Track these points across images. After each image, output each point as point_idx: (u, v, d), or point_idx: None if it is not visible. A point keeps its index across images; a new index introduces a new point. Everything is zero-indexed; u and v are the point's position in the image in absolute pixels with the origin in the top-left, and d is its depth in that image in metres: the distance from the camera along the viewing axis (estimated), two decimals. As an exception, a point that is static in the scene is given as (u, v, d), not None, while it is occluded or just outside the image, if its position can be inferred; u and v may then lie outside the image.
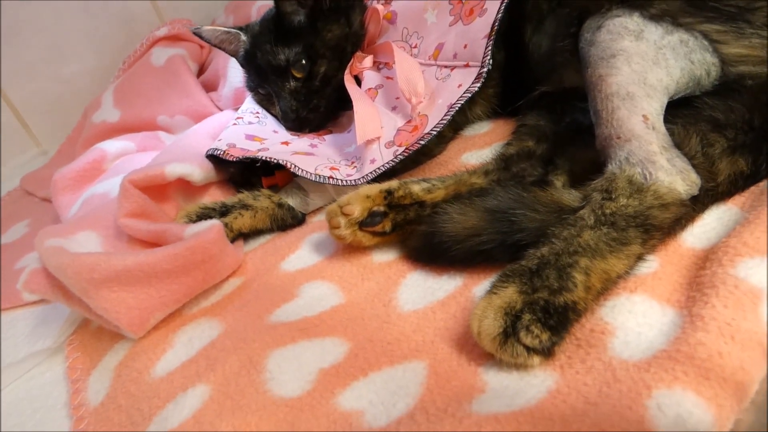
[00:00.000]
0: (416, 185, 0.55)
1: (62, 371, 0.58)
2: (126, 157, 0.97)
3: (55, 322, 0.65)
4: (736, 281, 0.38)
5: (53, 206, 0.90)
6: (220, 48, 0.84)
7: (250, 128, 0.75)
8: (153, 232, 0.61)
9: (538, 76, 0.67)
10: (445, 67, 0.67)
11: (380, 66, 0.75)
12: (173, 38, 1.25)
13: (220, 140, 0.72)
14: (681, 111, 0.53)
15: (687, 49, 0.54)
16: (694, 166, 0.47)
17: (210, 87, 1.16)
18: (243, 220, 0.64)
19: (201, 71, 1.25)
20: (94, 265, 0.51)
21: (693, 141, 0.48)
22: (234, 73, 1.02)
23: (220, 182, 0.75)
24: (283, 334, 0.46)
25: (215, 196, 0.74)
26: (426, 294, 0.48)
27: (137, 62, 1.24)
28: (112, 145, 0.98)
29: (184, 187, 0.71)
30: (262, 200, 0.65)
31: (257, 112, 0.80)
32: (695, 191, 0.46)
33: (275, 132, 0.76)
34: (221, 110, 1.08)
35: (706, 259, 0.42)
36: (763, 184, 0.49)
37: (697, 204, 0.46)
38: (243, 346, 0.45)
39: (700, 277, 0.40)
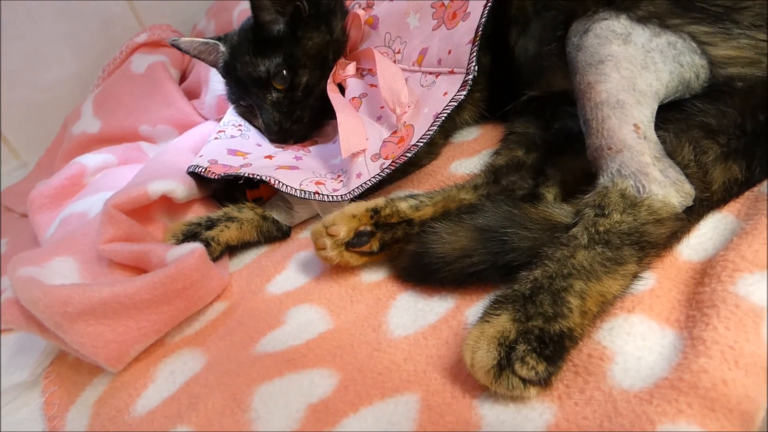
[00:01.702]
0: (403, 203, 0.54)
1: (39, 406, 0.55)
2: (106, 170, 0.94)
3: (32, 351, 0.61)
4: (736, 300, 0.36)
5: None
6: (199, 59, 0.82)
7: (233, 142, 0.73)
8: (135, 254, 0.59)
9: (525, 80, 0.65)
10: (430, 73, 0.65)
11: (363, 73, 0.73)
12: (153, 44, 1.22)
13: (201, 156, 0.70)
14: (671, 115, 0.51)
15: (675, 52, 0.53)
16: (687, 175, 0.46)
17: (192, 94, 1.13)
18: (230, 233, 0.62)
19: (183, 78, 1.22)
20: (68, 298, 0.48)
21: (686, 149, 0.47)
22: (216, 82, 0.99)
23: (204, 198, 0.73)
24: (269, 367, 0.44)
25: (199, 213, 0.71)
26: (417, 317, 0.46)
27: (117, 70, 1.21)
28: (91, 159, 0.95)
29: (168, 205, 0.69)
30: (247, 212, 0.64)
31: (240, 125, 0.77)
32: (690, 202, 0.45)
33: (258, 145, 0.74)
34: (205, 118, 1.06)
35: (705, 274, 0.41)
36: (757, 189, 0.48)
37: (692, 215, 0.45)
38: (227, 382, 0.43)
39: (699, 295, 0.39)
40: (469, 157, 0.66)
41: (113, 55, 1.24)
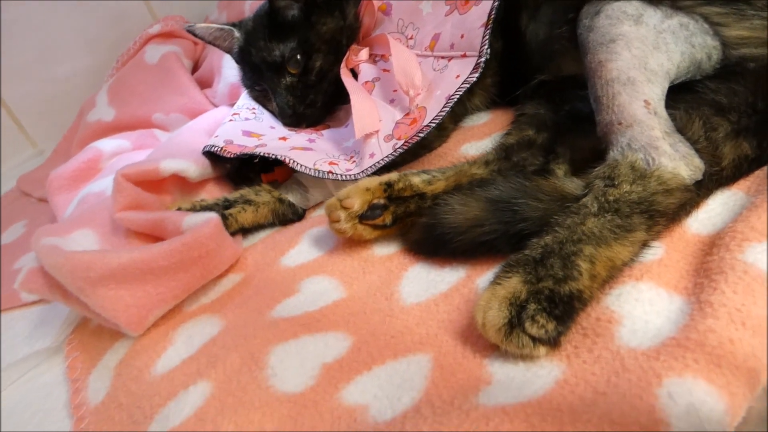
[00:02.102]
0: (416, 177, 0.55)
1: (62, 371, 0.57)
2: (121, 155, 0.96)
3: (54, 322, 0.64)
4: (744, 266, 0.37)
5: (50, 206, 0.89)
6: (214, 45, 0.83)
7: (247, 124, 0.74)
8: (151, 221, 0.61)
9: (536, 65, 0.66)
10: (442, 58, 0.66)
11: (376, 58, 0.74)
12: (166, 35, 1.24)
13: (216, 136, 0.71)
14: (683, 95, 0.52)
15: (687, 33, 0.53)
16: (697, 150, 0.46)
17: (205, 84, 1.15)
18: (246, 215, 0.63)
19: (195, 68, 1.24)
20: (90, 263, 0.50)
21: (696, 125, 0.47)
22: (229, 69, 1.01)
23: (217, 178, 0.75)
24: (284, 330, 0.45)
25: (212, 193, 0.73)
26: (429, 287, 0.47)
27: (131, 60, 1.23)
28: (107, 144, 0.97)
29: (181, 183, 0.70)
30: (264, 195, 0.65)
31: (253, 108, 0.79)
32: (699, 176, 0.45)
33: (272, 128, 0.75)
34: (216, 106, 1.08)
35: (713, 245, 0.41)
36: (767, 167, 0.48)
37: (702, 189, 0.46)
38: (244, 343, 0.45)
39: (708, 263, 0.40)
40: (480, 140, 0.67)
41: (126, 46, 1.27)
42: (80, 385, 0.52)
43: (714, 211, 0.46)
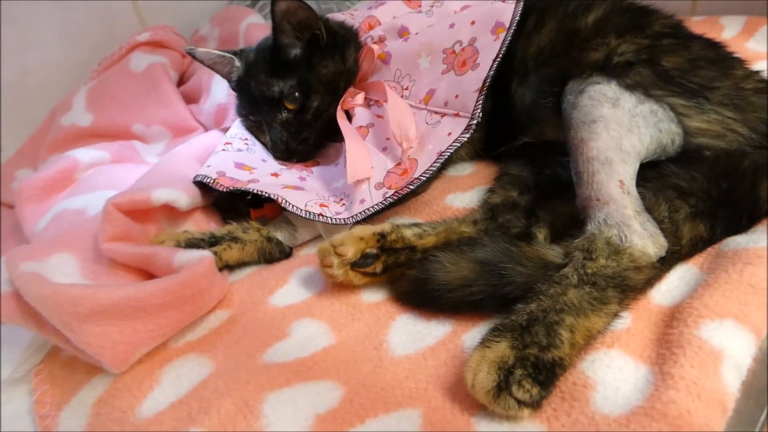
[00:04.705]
0: (408, 230, 0.58)
1: (26, 405, 0.54)
2: (99, 167, 0.94)
3: (15, 347, 0.60)
4: (700, 342, 0.42)
5: (13, 212, 0.85)
6: (211, 69, 0.84)
7: (240, 156, 0.75)
8: (139, 255, 0.60)
9: (521, 126, 0.72)
10: (436, 113, 0.70)
11: (371, 103, 0.77)
12: (155, 44, 1.21)
13: (208, 166, 0.72)
14: (649, 174, 0.58)
15: (656, 119, 0.60)
16: (662, 230, 0.52)
17: (190, 99, 1.13)
18: (231, 253, 0.64)
19: (181, 81, 1.23)
20: (79, 299, 0.49)
21: (662, 207, 0.53)
22: (218, 89, 1.01)
23: (205, 207, 0.75)
24: (277, 376, 0.46)
25: (199, 221, 0.73)
26: (416, 339, 0.50)
27: (115, 66, 1.20)
28: (85, 154, 0.94)
29: (169, 211, 0.70)
30: (252, 233, 0.66)
31: (246, 139, 0.80)
32: (663, 253, 0.51)
33: (264, 161, 0.77)
34: (201, 124, 1.07)
35: (673, 318, 0.47)
36: (718, 246, 0.55)
37: (664, 264, 0.51)
38: (237, 388, 0.45)
39: (669, 336, 0.45)
40: (464, 192, 0.71)
41: (109, 48, 1.23)
42: (50, 423, 0.50)
43: (673, 284, 0.51)
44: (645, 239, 0.50)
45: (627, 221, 0.51)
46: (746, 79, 0.64)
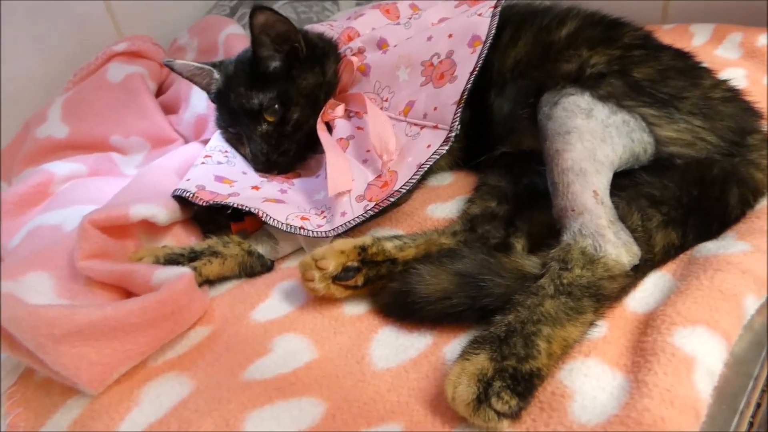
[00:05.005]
0: (389, 243, 0.58)
1: (-1, 429, 0.53)
2: (76, 180, 0.92)
3: None
4: (673, 349, 0.43)
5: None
6: (191, 81, 0.84)
7: (219, 168, 0.75)
8: (117, 273, 0.60)
9: (499, 137, 0.73)
10: (415, 125, 0.71)
11: (351, 114, 0.78)
12: (132, 55, 1.20)
13: (188, 180, 0.71)
14: (623, 182, 0.60)
15: (628, 129, 0.61)
16: (635, 238, 0.53)
17: (169, 109, 1.12)
18: (211, 268, 0.63)
19: (160, 91, 1.22)
20: (55, 320, 0.49)
21: (635, 216, 0.55)
22: (197, 100, 1.00)
23: (185, 221, 0.74)
24: (259, 394, 0.46)
25: (178, 236, 0.72)
26: (398, 352, 0.51)
27: (91, 76, 1.18)
28: (61, 168, 0.93)
29: (147, 226, 0.69)
30: (232, 247, 0.65)
31: (226, 151, 0.80)
32: (636, 261, 0.52)
33: (244, 173, 0.76)
34: (180, 134, 1.06)
35: (647, 325, 0.48)
36: (690, 252, 0.56)
37: (638, 272, 0.53)
38: (218, 407, 0.45)
39: (643, 343, 0.46)
40: (444, 202, 0.72)
41: (85, 59, 1.21)
42: (26, 446, 0.50)
43: (648, 291, 0.53)
44: (619, 248, 0.51)
45: (601, 231, 0.52)
46: (714, 88, 0.66)
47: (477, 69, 0.67)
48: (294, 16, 1.29)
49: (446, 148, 0.65)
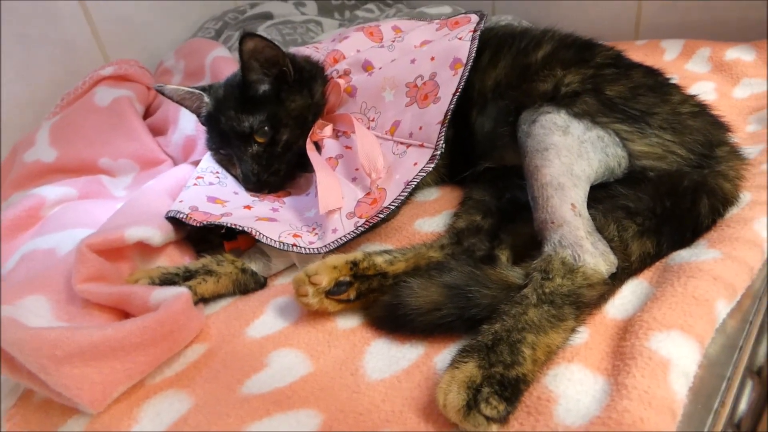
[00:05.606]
0: (379, 257, 0.60)
1: (-2, 451, 0.54)
2: (66, 204, 0.93)
3: None
4: (650, 353, 0.46)
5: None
6: (180, 104, 0.86)
7: (211, 189, 0.77)
8: (116, 295, 0.61)
9: (482, 153, 0.76)
10: (402, 143, 0.73)
11: (339, 134, 0.80)
12: (119, 78, 1.22)
13: (181, 201, 0.73)
14: (600, 194, 0.63)
15: (603, 144, 0.65)
16: (612, 248, 0.56)
17: (157, 131, 1.14)
18: (206, 286, 0.65)
19: (147, 113, 1.23)
20: (57, 342, 0.50)
21: (611, 227, 0.58)
22: (186, 121, 1.02)
23: (178, 241, 0.76)
24: (257, 408, 0.48)
25: (172, 256, 0.73)
26: (391, 363, 0.52)
27: (78, 101, 1.19)
28: (51, 192, 0.93)
29: (142, 248, 0.71)
30: (226, 266, 0.67)
31: (217, 173, 0.81)
32: (614, 270, 0.55)
33: (236, 193, 0.78)
34: (169, 156, 1.08)
35: (626, 330, 0.50)
36: (664, 261, 0.59)
37: (616, 280, 0.56)
38: (217, 422, 0.47)
39: (622, 348, 0.48)
40: (432, 216, 0.75)
41: (72, 83, 1.23)
42: (28, 468, 0.50)
43: (626, 298, 0.56)
44: (596, 258, 0.54)
45: (579, 242, 0.55)
46: (682, 103, 0.70)
47: (459, 90, 0.71)
48: (279, 38, 1.33)
49: (432, 165, 0.68)
